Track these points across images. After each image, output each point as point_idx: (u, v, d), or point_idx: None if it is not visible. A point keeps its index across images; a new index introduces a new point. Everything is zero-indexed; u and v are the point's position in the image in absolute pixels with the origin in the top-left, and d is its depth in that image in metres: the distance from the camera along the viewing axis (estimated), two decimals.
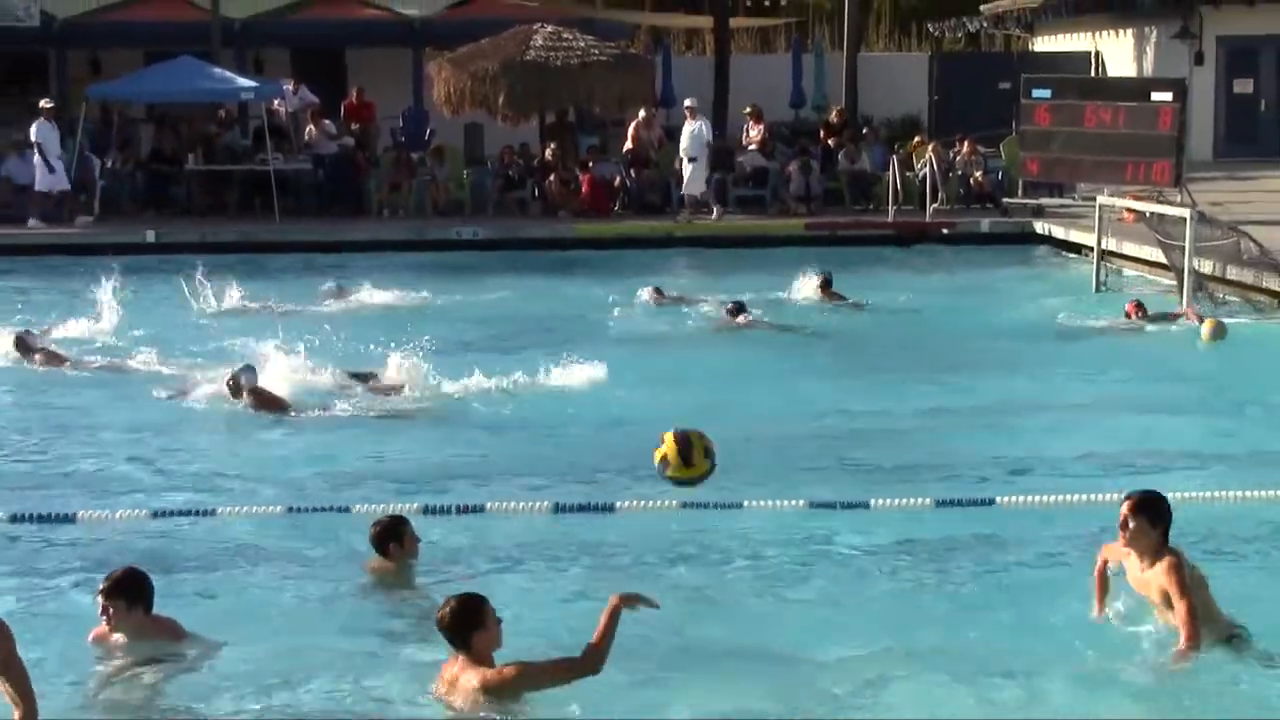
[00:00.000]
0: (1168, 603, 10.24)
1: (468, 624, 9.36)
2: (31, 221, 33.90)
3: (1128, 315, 22.75)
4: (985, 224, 34.24)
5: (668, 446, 10.82)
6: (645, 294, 25.82)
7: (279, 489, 15.12)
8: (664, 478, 11.05)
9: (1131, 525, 10.30)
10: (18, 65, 42.23)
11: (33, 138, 34.57)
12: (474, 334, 23.54)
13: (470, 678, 9.30)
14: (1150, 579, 10.34)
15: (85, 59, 41.70)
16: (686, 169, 35.15)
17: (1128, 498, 10.53)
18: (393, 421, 17.84)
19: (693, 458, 10.83)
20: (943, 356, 21.73)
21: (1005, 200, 35.05)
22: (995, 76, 41.49)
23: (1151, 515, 10.32)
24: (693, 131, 35.18)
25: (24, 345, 20.76)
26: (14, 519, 13.69)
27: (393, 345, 19.48)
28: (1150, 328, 22.43)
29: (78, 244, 31.62)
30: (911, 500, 14.02)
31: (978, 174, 36.17)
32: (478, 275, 27.72)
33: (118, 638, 10.26)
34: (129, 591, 10.14)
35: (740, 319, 23.56)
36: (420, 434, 17.33)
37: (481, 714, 9.31)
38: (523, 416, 18.07)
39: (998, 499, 14.08)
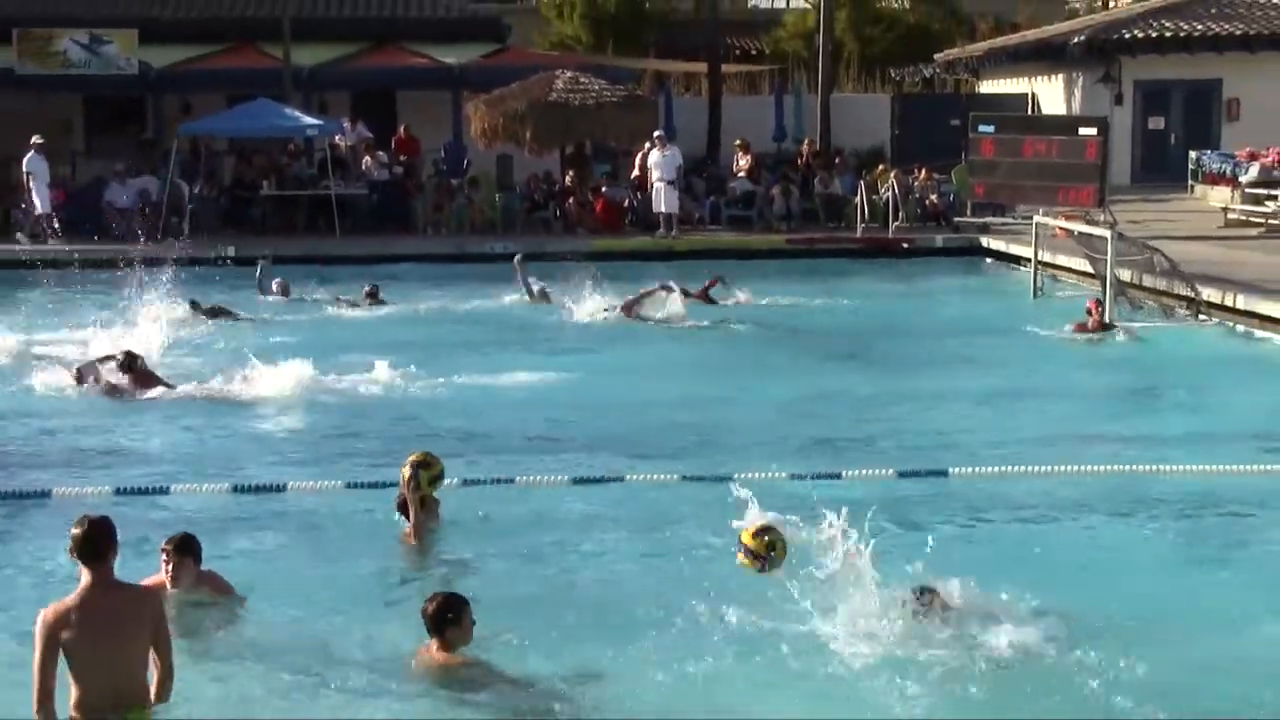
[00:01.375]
0: None
1: (446, 620, 9.34)
2: (19, 236, 34.00)
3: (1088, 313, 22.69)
4: (939, 239, 34.29)
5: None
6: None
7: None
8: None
9: None
10: (120, 107, 42.21)
11: (24, 168, 34.51)
12: (499, 333, 23.71)
13: (436, 663, 9.43)
14: None
15: (177, 102, 41.71)
16: (661, 191, 35.22)
17: None
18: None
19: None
20: (900, 350, 21.85)
21: (956, 219, 35.15)
22: (947, 114, 41.56)
23: None
24: (664, 158, 35.19)
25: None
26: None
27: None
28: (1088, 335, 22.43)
29: (171, 257, 31.65)
30: (877, 471, 14.09)
31: (933, 197, 36.32)
32: (507, 283, 27.69)
33: (175, 589, 10.23)
34: (190, 547, 10.24)
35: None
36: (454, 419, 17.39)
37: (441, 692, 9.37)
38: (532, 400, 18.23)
39: (951, 470, 14.19)
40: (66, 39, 39.68)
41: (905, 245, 33.80)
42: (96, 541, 8.15)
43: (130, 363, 18.61)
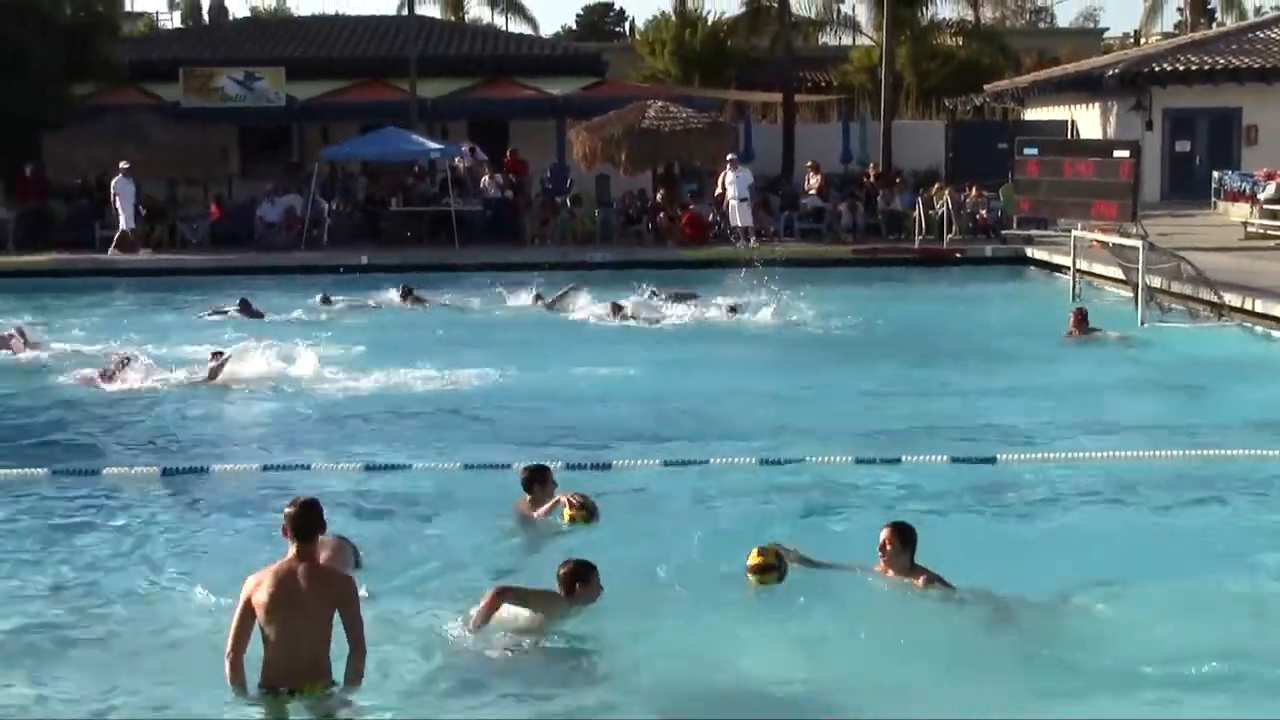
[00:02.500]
0: None
1: (576, 580, 9.47)
2: (113, 250, 33.95)
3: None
4: (988, 250, 33.96)
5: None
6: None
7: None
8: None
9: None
10: (270, 136, 42.60)
11: (113, 189, 34.51)
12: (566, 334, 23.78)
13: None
14: None
15: (318, 130, 42.04)
16: (735, 207, 35.16)
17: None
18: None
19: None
20: (951, 348, 21.61)
21: (1003, 232, 34.79)
22: (995, 139, 41.09)
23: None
24: (738, 178, 35.14)
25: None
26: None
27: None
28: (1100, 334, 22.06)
29: (313, 265, 31.90)
30: (932, 457, 13.96)
31: (983, 212, 36.03)
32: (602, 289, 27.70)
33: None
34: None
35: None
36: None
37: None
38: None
39: (998, 457, 14.03)
40: (225, 77, 40.09)
41: (958, 255, 33.55)
42: (305, 520, 8.06)
43: (220, 361, 18.80)
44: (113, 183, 34.44)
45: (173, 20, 75.88)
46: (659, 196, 37.44)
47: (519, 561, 11.18)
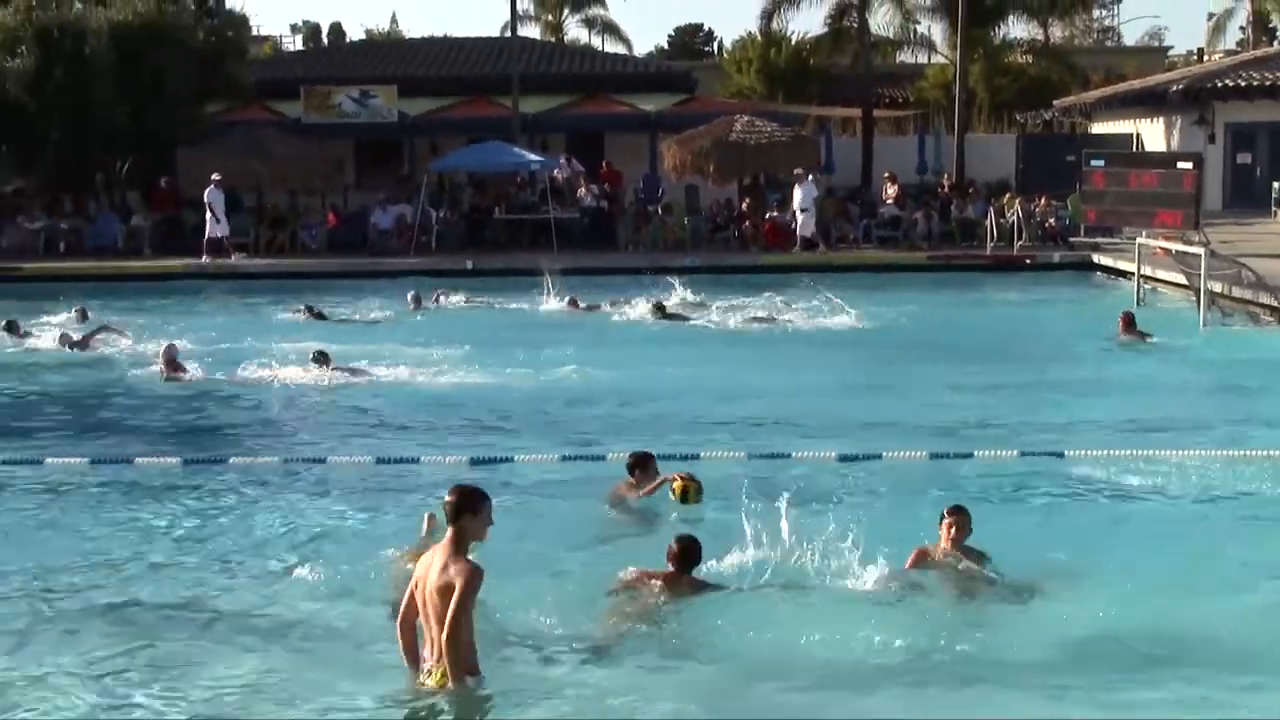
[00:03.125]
0: None
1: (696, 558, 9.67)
2: (205, 259, 33.97)
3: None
4: (1056, 256, 33.59)
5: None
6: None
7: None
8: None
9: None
10: (383, 148, 42.86)
11: (206, 199, 34.54)
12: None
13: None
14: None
15: (427, 143, 42.24)
16: (800, 217, 35.02)
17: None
18: None
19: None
20: (1021, 349, 21.41)
21: (1071, 239, 34.43)
22: (1063, 151, 40.65)
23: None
24: (804, 191, 35.04)
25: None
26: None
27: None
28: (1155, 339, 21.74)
29: (422, 269, 32.07)
30: (1002, 452, 13.82)
31: (1051, 220, 35.64)
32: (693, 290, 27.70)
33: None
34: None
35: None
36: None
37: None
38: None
39: (1065, 451, 13.86)
40: (342, 95, 40.41)
41: (1028, 261, 33.19)
42: (452, 507, 7.83)
43: (323, 359, 18.79)
44: (205, 192, 34.81)
45: (295, 43, 76.72)
46: (744, 205, 37.36)
47: (621, 539, 11.31)
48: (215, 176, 34.54)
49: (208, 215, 34.35)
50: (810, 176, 35.65)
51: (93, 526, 11.97)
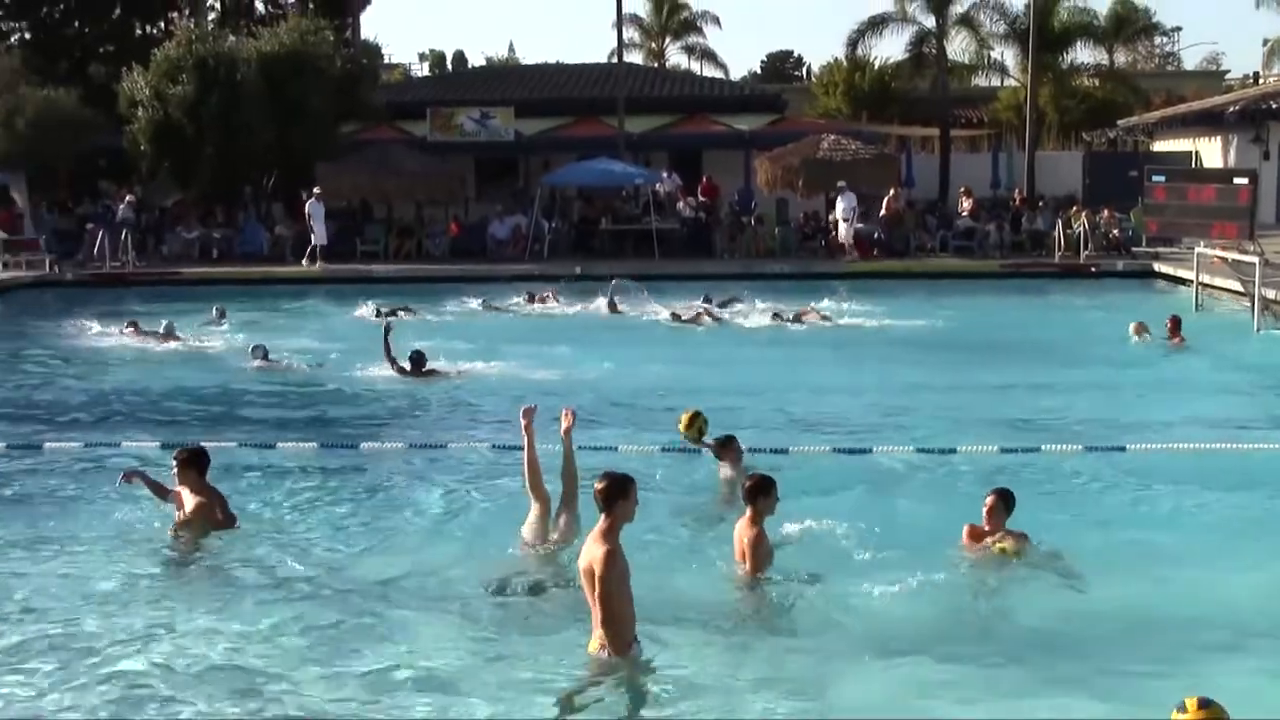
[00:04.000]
0: None
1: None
2: (317, 264, 34.26)
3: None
4: (1120, 265, 33.09)
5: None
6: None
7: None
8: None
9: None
10: (500, 165, 43.14)
11: (307, 210, 34.87)
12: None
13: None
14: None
15: (541, 159, 42.47)
16: (842, 227, 34.83)
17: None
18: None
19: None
20: (1086, 350, 21.10)
21: (1133, 249, 33.95)
22: (1127, 167, 40.05)
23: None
24: (844, 202, 34.87)
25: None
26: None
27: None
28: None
29: (536, 275, 32.25)
30: (1065, 446, 13.67)
31: (1115, 231, 35.16)
32: (784, 296, 27.59)
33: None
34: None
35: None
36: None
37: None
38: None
39: (1127, 446, 13.67)
40: (464, 116, 40.75)
41: (1093, 269, 32.74)
42: (603, 494, 7.66)
43: (419, 360, 18.67)
44: (306, 204, 35.19)
45: (422, 69, 77.43)
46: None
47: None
48: (316, 190, 35.00)
49: (312, 226, 34.73)
50: (849, 189, 35.37)
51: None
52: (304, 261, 34.47)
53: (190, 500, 10.63)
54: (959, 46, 47.21)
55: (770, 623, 9.06)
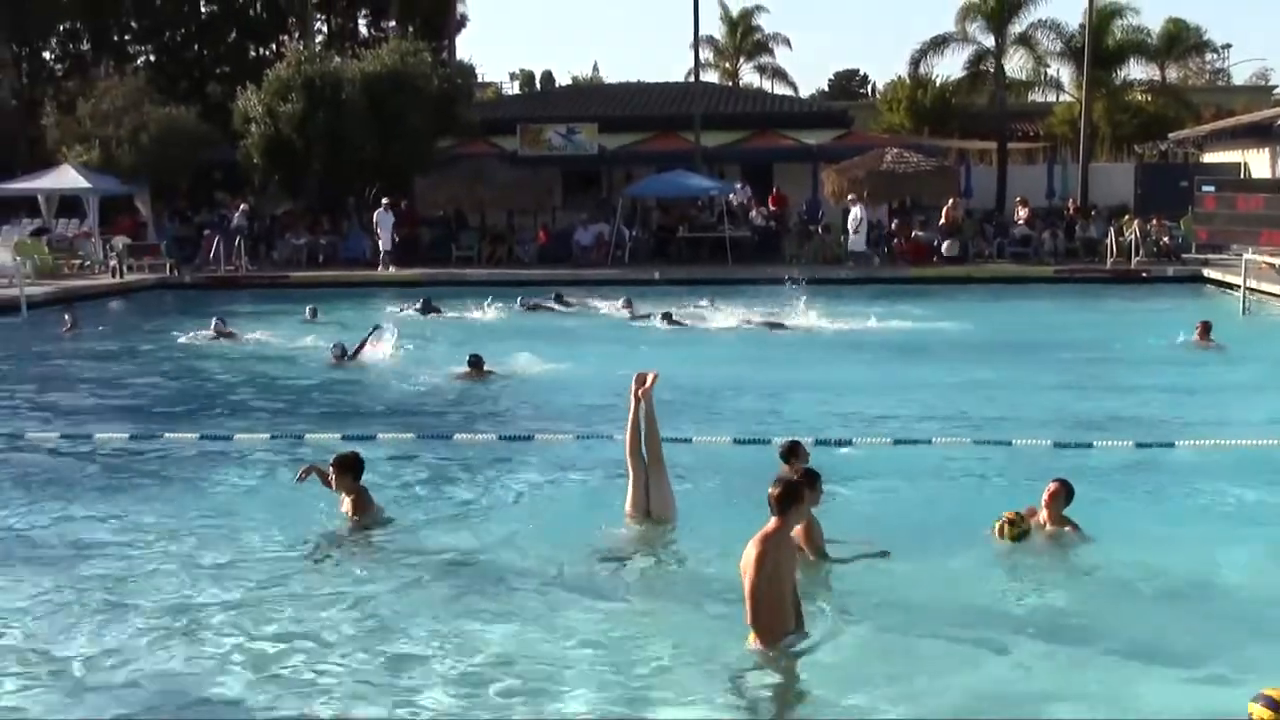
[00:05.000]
0: None
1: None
2: (380, 269, 34.43)
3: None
4: (1170, 270, 32.51)
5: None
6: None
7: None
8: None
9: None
10: (585, 177, 43.15)
11: (374, 220, 35.13)
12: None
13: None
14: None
15: (622, 172, 42.51)
16: (854, 237, 34.54)
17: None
18: None
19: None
20: (1137, 352, 20.72)
21: (1183, 255, 33.35)
22: (1178, 178, 39.43)
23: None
24: (856, 214, 34.65)
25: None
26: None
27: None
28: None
29: (616, 279, 32.25)
30: (1120, 442, 13.40)
31: (1165, 239, 34.53)
32: (846, 300, 27.41)
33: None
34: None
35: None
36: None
37: None
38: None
39: (1177, 442, 13.39)
40: (551, 131, 40.89)
41: (1144, 275, 32.18)
42: (781, 498, 7.46)
43: (478, 361, 18.52)
44: (375, 214, 35.34)
45: (513, 88, 77.72)
46: (893, 226, 36.89)
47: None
48: (385, 201, 35.22)
49: (379, 233, 34.99)
50: (860, 201, 35.04)
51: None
52: (380, 267, 34.73)
53: (346, 502, 10.79)
54: (1016, 64, 46.69)
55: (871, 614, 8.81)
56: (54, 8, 44.11)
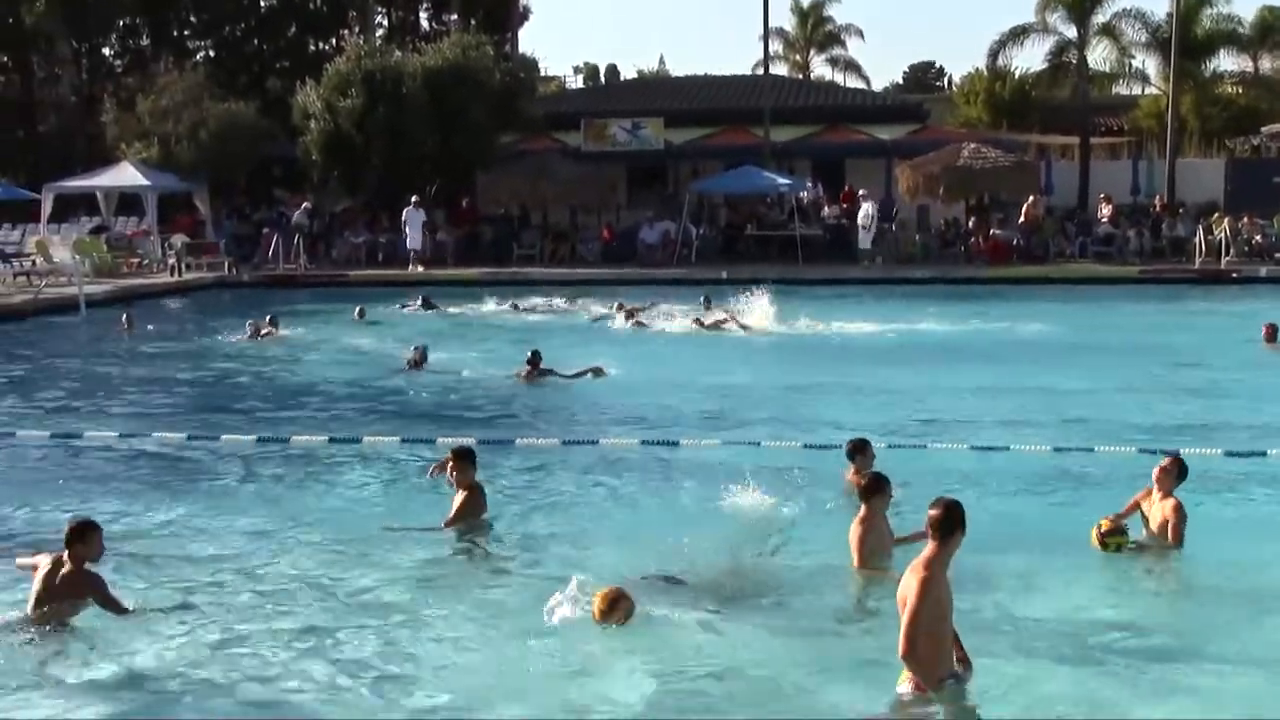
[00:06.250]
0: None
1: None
2: (410, 268, 34.57)
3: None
4: (1263, 270, 32.01)
5: None
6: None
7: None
8: None
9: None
10: (650, 173, 43.11)
11: (403, 218, 35.30)
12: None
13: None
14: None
15: (689, 167, 42.48)
16: (862, 234, 34.46)
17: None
18: None
19: None
20: (1227, 355, 20.40)
21: (1277, 255, 32.80)
22: (1270, 174, 38.76)
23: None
24: (865, 211, 34.65)
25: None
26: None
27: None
28: None
29: (683, 279, 32.25)
30: (1205, 450, 13.20)
31: (1257, 237, 33.96)
32: (926, 299, 27.18)
33: None
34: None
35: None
36: None
37: None
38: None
39: (1269, 451, 13.18)
40: (616, 126, 40.98)
41: (1234, 275, 31.71)
42: (942, 521, 6.97)
43: (536, 360, 18.50)
44: (404, 211, 35.54)
45: (577, 82, 77.95)
46: (970, 224, 36.60)
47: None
48: (414, 199, 35.40)
49: (407, 231, 35.25)
50: (870, 196, 34.76)
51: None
52: (411, 266, 34.92)
53: (458, 498, 10.82)
54: (1100, 55, 46.14)
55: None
56: (114, 3, 44.84)
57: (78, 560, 8.64)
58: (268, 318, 23.79)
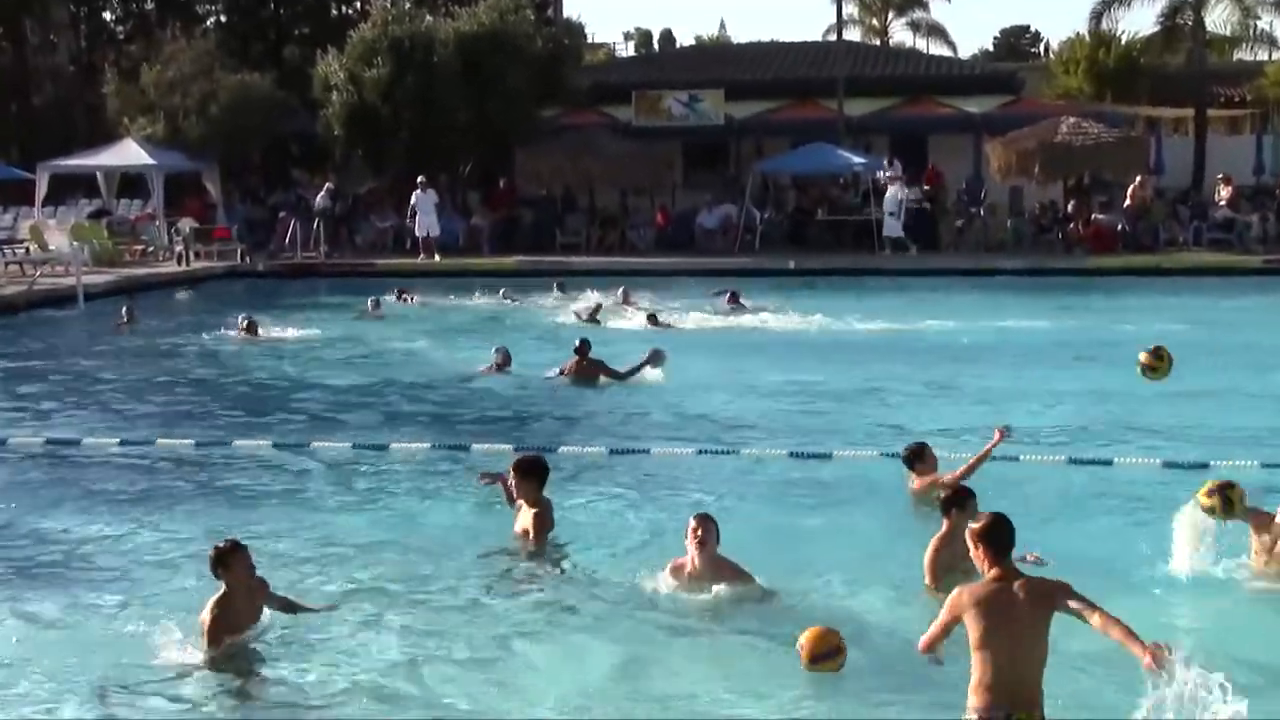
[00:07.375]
0: None
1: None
2: (421, 257, 34.93)
3: None
4: None
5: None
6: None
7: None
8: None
9: None
10: (709, 150, 43.03)
11: (412, 202, 35.63)
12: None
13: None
14: None
15: (752, 144, 42.38)
16: (888, 220, 34.37)
17: None
18: None
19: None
20: None
21: None
22: None
23: None
24: (892, 194, 34.56)
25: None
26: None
27: None
28: None
29: (746, 269, 32.17)
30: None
31: None
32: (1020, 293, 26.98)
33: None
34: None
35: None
36: None
37: None
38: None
39: None
40: (670, 99, 40.99)
41: None
42: (999, 535, 6.91)
43: (584, 348, 18.56)
44: (414, 196, 35.74)
45: (628, 50, 78.10)
46: (1069, 207, 36.35)
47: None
48: (421, 179, 35.64)
49: (417, 218, 35.63)
50: (898, 178, 34.43)
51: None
52: (422, 255, 35.18)
53: (525, 516, 10.66)
54: (1219, 17, 45.67)
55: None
56: None
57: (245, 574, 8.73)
58: (243, 318, 23.79)
